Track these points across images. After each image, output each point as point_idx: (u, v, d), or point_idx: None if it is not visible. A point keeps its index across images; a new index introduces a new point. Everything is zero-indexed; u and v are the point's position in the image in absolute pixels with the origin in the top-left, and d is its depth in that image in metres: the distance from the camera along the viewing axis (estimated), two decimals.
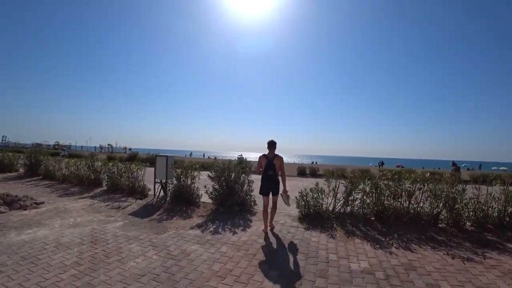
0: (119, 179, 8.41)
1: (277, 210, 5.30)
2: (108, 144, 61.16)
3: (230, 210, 5.94)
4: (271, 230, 4.94)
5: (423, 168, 46.57)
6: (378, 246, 4.33)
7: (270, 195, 4.92)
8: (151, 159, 21.58)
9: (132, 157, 22.83)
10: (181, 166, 7.13)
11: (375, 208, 5.45)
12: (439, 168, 41.20)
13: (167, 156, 7.51)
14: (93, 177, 9.37)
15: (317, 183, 5.72)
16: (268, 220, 4.89)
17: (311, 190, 5.72)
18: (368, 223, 5.32)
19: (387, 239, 4.63)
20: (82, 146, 71.07)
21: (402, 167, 49.29)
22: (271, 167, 4.77)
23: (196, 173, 6.95)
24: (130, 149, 64.51)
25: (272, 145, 4.91)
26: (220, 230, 5.01)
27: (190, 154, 58.07)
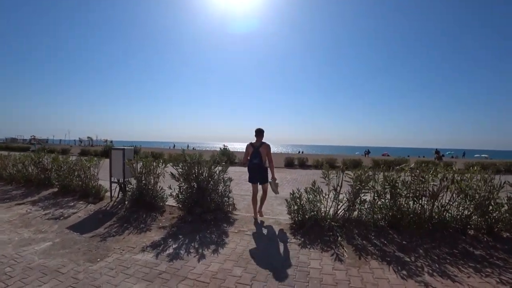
0: (71, 179, 6.77)
1: (264, 216, 4.96)
2: (88, 137, 57.83)
3: (200, 218, 4.49)
4: (260, 216, 4.86)
5: (408, 156, 46.60)
6: (404, 271, 3.02)
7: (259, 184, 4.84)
8: None
9: (107, 151, 20.88)
10: (147, 161, 5.57)
11: (390, 213, 4.16)
12: (423, 156, 41.20)
13: (123, 149, 5.92)
14: (42, 176, 7.67)
15: (314, 182, 4.36)
16: (258, 206, 4.88)
17: (306, 190, 4.36)
18: (381, 233, 4.03)
19: (413, 258, 3.33)
20: (60, 140, 67.17)
21: (388, 155, 49.18)
22: (256, 155, 4.63)
23: (160, 169, 5.43)
24: (111, 141, 61.53)
25: (259, 133, 4.78)
26: (182, 252, 3.55)
27: (174, 146, 55.77)
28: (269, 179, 4.81)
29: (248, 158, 4.77)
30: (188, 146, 60.34)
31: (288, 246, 3.69)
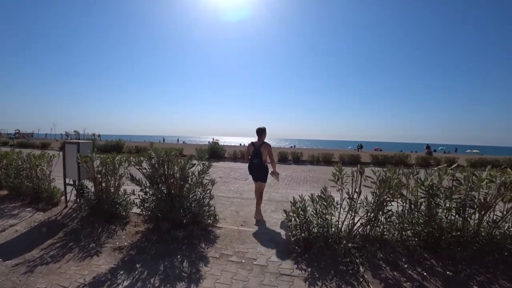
0: (21, 180, 5.48)
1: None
2: (75, 131, 55.49)
3: (170, 236, 3.32)
4: (256, 218, 4.51)
5: (401, 151, 46.17)
6: None
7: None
8: (110, 147, 18.28)
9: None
10: (105, 158, 4.32)
11: (425, 230, 3.07)
12: (416, 151, 40.82)
13: (78, 143, 4.67)
14: None
15: (325, 188, 3.25)
16: (256, 208, 4.65)
17: (312, 199, 3.25)
18: (414, 257, 2.95)
19: None
20: (46, 134, 64.44)
21: (381, 150, 48.71)
22: (257, 154, 4.58)
23: (123, 169, 4.22)
24: (99, 135, 59.35)
25: (260, 132, 4.68)
26: None
27: (163, 140, 53.99)
28: (270, 172, 4.76)
29: (249, 157, 4.75)
30: (178, 139, 58.61)
31: (289, 283, 2.56)
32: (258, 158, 4.58)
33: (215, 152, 14.60)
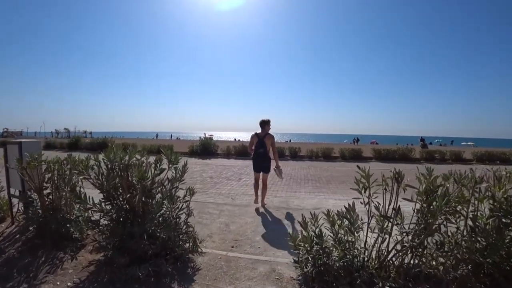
0: None
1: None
2: (65, 129, 53.72)
3: (128, 275, 2.33)
4: (263, 206, 4.86)
5: (397, 144, 45.60)
6: None
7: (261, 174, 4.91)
8: (96, 145, 17.10)
9: (73, 144, 18.15)
10: (51, 163, 3.29)
11: (489, 259, 2.14)
12: (412, 144, 40.26)
13: (20, 142, 3.62)
14: None
15: (353, 205, 2.30)
16: (260, 200, 4.92)
17: (330, 216, 2.31)
18: None
19: None
20: (35, 132, 62.34)
21: (377, 143, 48.13)
22: (261, 145, 4.69)
23: (76, 177, 3.20)
24: (90, 133, 57.63)
25: (263, 124, 4.76)
26: None
27: (156, 136, 52.53)
28: (273, 167, 4.96)
29: (253, 148, 4.85)
30: (171, 135, 57.14)
31: None
32: (263, 148, 4.70)
33: (206, 149, 13.56)
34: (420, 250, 2.19)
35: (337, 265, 2.13)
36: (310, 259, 2.23)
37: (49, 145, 19.69)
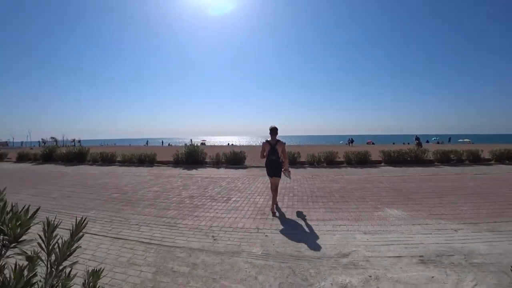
0: None
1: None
2: (52, 138, 51.01)
3: None
4: (273, 215, 4.67)
5: (393, 143, 44.39)
6: None
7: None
8: (72, 155, 15.02)
9: (47, 155, 16.02)
10: None
11: None
12: (408, 143, 39.02)
13: None
14: None
15: None
16: (272, 203, 4.89)
17: None
18: None
19: None
20: (22, 142, 59.35)
21: (373, 143, 46.77)
22: (274, 152, 4.84)
23: None
24: (79, 141, 54.95)
25: (273, 131, 4.92)
26: None
27: (147, 143, 50.05)
28: (282, 169, 5.00)
29: (265, 154, 4.97)
30: (162, 142, 54.63)
31: None
32: (276, 155, 4.84)
33: (192, 157, 11.66)
34: None
35: None
36: None
37: (21, 157, 17.51)
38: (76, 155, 15.17)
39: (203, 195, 6.12)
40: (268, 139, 5.00)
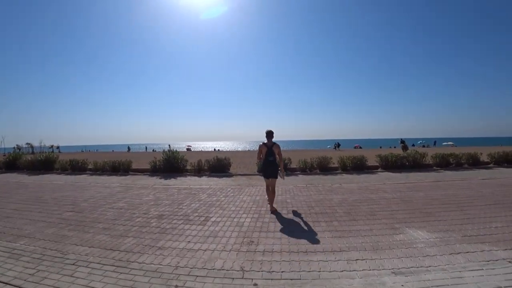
0: None
1: None
2: (27, 144, 47.77)
3: None
4: (273, 212, 4.87)
5: (381, 147, 44.25)
6: None
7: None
8: (38, 162, 13.29)
9: (10, 162, 14.17)
10: None
11: None
12: (395, 147, 38.90)
13: None
14: None
15: None
16: (271, 202, 5.01)
17: None
18: None
19: None
20: None
21: (360, 147, 46.48)
22: (271, 153, 4.94)
23: None
24: (58, 147, 51.91)
25: (269, 134, 5.04)
26: None
27: (128, 149, 47.62)
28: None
29: (261, 156, 5.05)
30: (146, 147, 52.16)
31: None
32: (273, 157, 4.93)
33: (172, 164, 10.29)
34: None
35: None
36: None
37: None
38: (43, 162, 13.45)
39: (175, 214, 4.86)
40: (265, 142, 5.08)
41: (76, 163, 12.82)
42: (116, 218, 4.76)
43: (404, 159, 10.08)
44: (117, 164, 11.68)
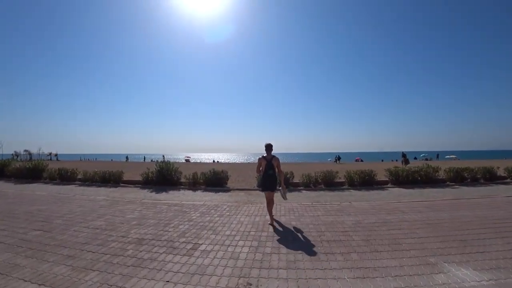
0: None
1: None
2: (25, 151, 46.93)
3: None
4: (272, 225, 4.73)
5: (382, 161, 43.38)
6: None
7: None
8: (26, 170, 12.45)
9: None
10: None
11: None
12: (396, 160, 38.05)
13: None
14: None
15: None
16: (271, 216, 4.86)
17: None
18: None
19: None
20: None
21: (361, 160, 45.57)
22: (270, 167, 4.77)
23: None
24: (56, 155, 51.08)
25: (269, 147, 4.90)
26: None
27: (126, 159, 46.64)
28: (278, 187, 5.01)
29: (261, 169, 4.87)
30: (144, 158, 51.20)
31: None
32: (272, 170, 4.75)
33: (165, 176, 9.46)
34: None
35: None
36: None
37: None
38: (31, 170, 12.62)
39: (159, 238, 4.01)
40: (264, 155, 4.92)
41: (65, 173, 11.99)
42: (88, 242, 3.93)
43: (415, 173, 9.26)
44: (107, 175, 10.85)
